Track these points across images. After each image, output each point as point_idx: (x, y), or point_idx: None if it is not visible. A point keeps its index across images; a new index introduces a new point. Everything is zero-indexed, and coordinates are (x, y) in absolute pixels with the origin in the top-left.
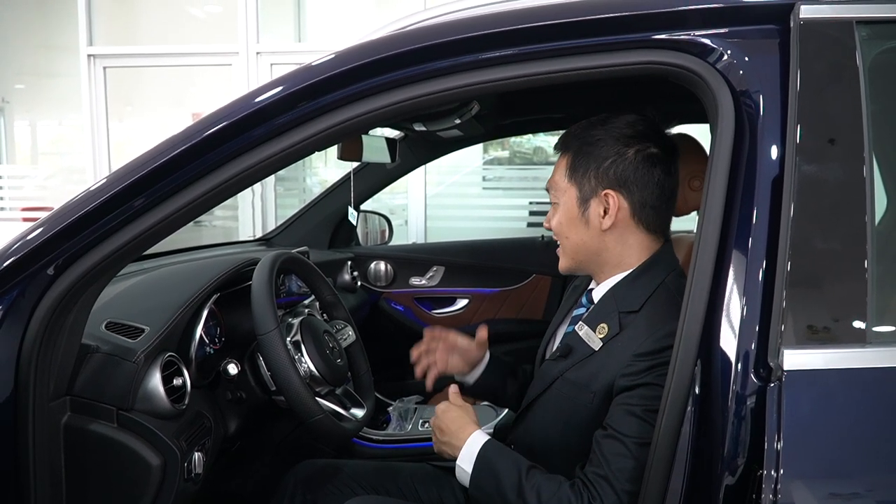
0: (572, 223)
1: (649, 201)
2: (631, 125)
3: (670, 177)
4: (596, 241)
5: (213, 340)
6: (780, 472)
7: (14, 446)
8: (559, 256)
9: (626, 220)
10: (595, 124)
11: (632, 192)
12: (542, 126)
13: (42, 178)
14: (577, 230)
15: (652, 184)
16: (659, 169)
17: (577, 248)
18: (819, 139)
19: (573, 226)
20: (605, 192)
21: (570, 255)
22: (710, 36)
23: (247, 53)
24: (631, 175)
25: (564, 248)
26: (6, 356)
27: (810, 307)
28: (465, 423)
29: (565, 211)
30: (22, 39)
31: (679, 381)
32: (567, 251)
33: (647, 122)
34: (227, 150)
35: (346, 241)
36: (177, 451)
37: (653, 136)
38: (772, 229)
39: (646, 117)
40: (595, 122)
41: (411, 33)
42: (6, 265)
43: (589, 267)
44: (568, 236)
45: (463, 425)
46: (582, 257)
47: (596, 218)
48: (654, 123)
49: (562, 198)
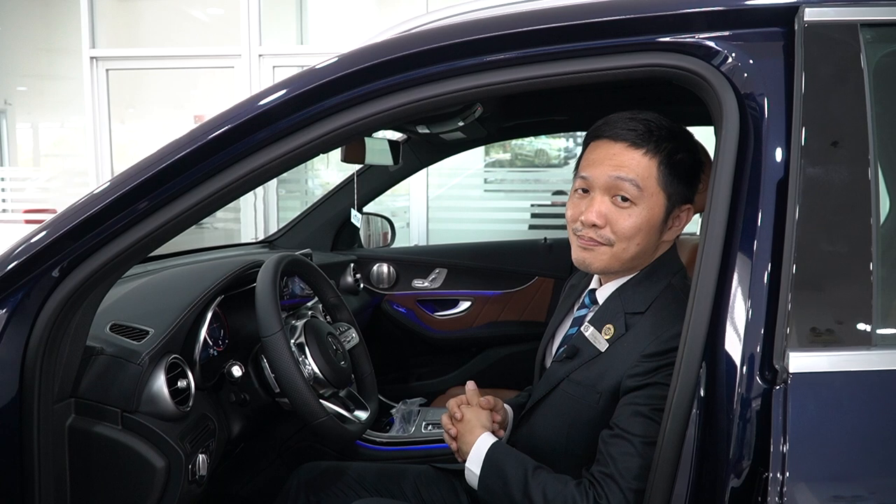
0: (651, 232)
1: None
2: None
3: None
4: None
5: (217, 342)
6: (785, 475)
7: (19, 448)
8: (597, 257)
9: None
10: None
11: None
12: (546, 128)
13: (44, 180)
14: (650, 239)
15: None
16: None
17: (635, 255)
18: (824, 142)
19: (648, 234)
20: (687, 206)
21: (620, 259)
22: (715, 38)
23: (249, 56)
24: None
25: (618, 252)
26: (11, 358)
27: (816, 309)
28: (473, 427)
29: (649, 217)
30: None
31: (684, 383)
32: (619, 256)
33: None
34: (231, 153)
35: (348, 244)
36: (181, 453)
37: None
38: (777, 232)
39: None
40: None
41: (414, 36)
42: (11, 267)
43: (620, 269)
44: (638, 242)
45: (471, 429)
46: (631, 263)
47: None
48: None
49: (646, 201)
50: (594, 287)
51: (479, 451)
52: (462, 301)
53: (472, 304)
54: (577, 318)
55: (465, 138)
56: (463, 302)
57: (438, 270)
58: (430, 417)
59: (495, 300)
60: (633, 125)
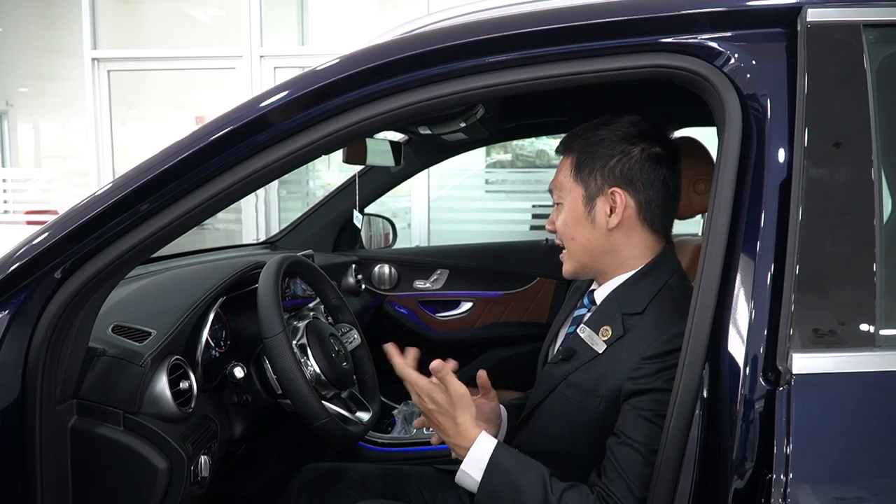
0: (578, 223)
1: (655, 200)
2: (634, 124)
3: (675, 177)
4: (602, 240)
5: (220, 344)
6: (789, 476)
7: (21, 449)
8: (563, 261)
9: (631, 219)
10: (598, 125)
11: (638, 191)
12: (547, 129)
13: (45, 181)
14: (583, 230)
15: (658, 182)
16: (664, 168)
17: (583, 250)
18: (827, 142)
19: (579, 225)
20: (611, 189)
21: (575, 257)
22: (718, 39)
23: (250, 57)
24: (637, 173)
25: (570, 251)
26: (14, 359)
27: (819, 310)
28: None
29: (571, 210)
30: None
31: (687, 384)
32: (572, 253)
33: (649, 123)
34: (233, 154)
35: (350, 245)
36: (183, 455)
37: (656, 136)
38: (780, 233)
39: (646, 118)
40: (598, 124)
41: (416, 38)
42: (14, 269)
43: (593, 270)
44: (574, 237)
45: (459, 420)
46: (587, 259)
47: (602, 217)
48: (655, 124)
49: (567, 198)
50: (593, 288)
51: (479, 456)
52: (463, 302)
53: (473, 305)
54: (575, 318)
55: (466, 139)
56: (464, 303)
57: (440, 271)
58: None
59: (497, 301)
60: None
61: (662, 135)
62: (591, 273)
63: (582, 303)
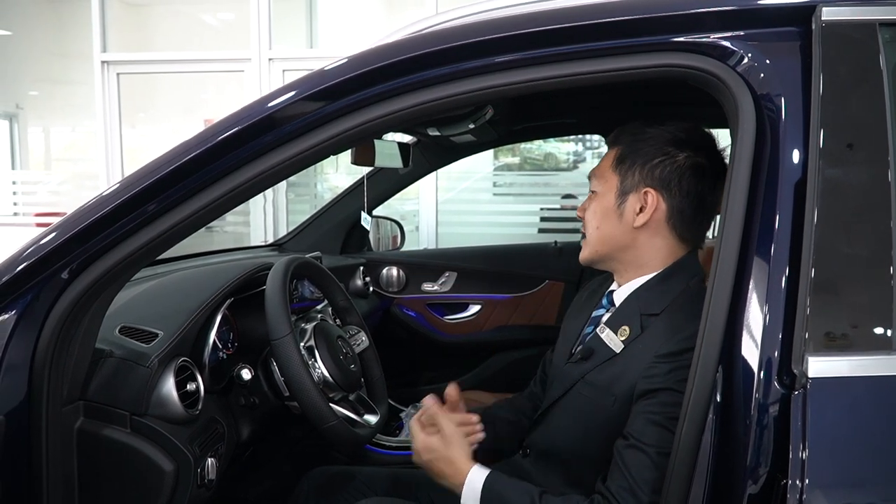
0: (606, 214)
1: (687, 210)
2: (686, 131)
3: (713, 192)
4: (625, 236)
5: (227, 345)
6: (805, 482)
7: (27, 450)
8: (582, 247)
9: (659, 222)
10: (651, 122)
11: (672, 196)
12: (556, 131)
13: (55, 184)
14: (609, 221)
15: (694, 193)
16: (706, 182)
17: (603, 240)
18: (842, 143)
19: (606, 216)
20: (646, 189)
21: (594, 244)
22: (731, 38)
23: (259, 60)
24: (676, 179)
25: (590, 238)
26: (20, 360)
27: (835, 313)
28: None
29: (602, 200)
30: (36, 47)
31: (700, 388)
32: (592, 241)
33: (702, 133)
34: (239, 155)
35: (358, 247)
36: (190, 457)
37: (706, 148)
38: (794, 234)
39: (703, 129)
40: (651, 121)
41: (422, 38)
42: (21, 269)
43: (609, 262)
44: (599, 226)
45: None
46: (605, 250)
47: (631, 213)
48: (709, 136)
49: (602, 187)
50: (613, 288)
51: (473, 487)
52: (472, 305)
53: (481, 307)
54: (594, 317)
55: (475, 141)
56: (473, 305)
57: (448, 274)
58: None
59: (505, 304)
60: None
61: (713, 148)
62: (606, 265)
63: (601, 303)
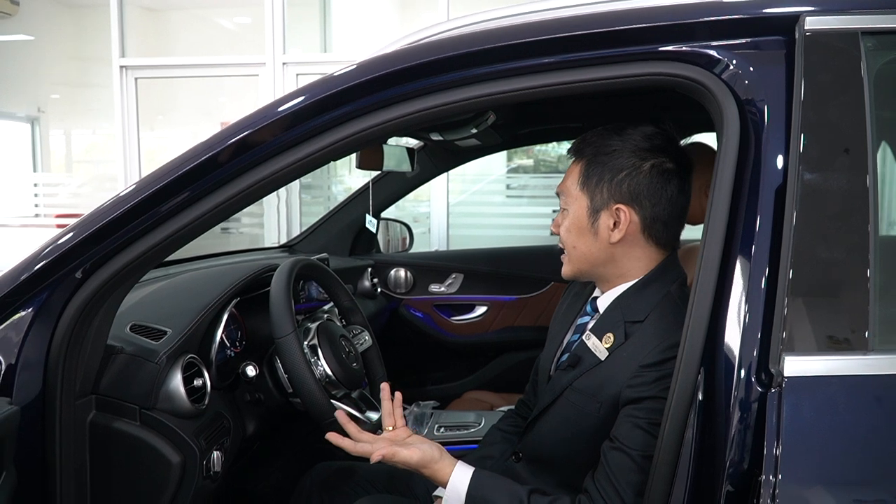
0: (581, 233)
1: (661, 217)
2: (648, 138)
3: (683, 194)
4: (603, 252)
5: (234, 343)
6: (778, 478)
7: (42, 442)
8: (563, 262)
9: (634, 235)
10: (612, 133)
11: (643, 208)
12: (560, 135)
13: (76, 186)
14: (585, 240)
15: (665, 199)
16: (673, 185)
17: (583, 258)
18: (823, 149)
19: (581, 235)
20: (616, 206)
21: (574, 263)
22: (716, 47)
23: (273, 64)
24: (644, 190)
25: (570, 256)
26: (35, 355)
27: (813, 314)
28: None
29: (575, 219)
30: (57, 52)
31: (682, 387)
32: (572, 259)
33: (664, 136)
34: (250, 158)
35: (366, 249)
36: (196, 450)
37: (670, 150)
38: (775, 237)
39: (663, 130)
40: (611, 131)
41: (426, 46)
42: (38, 268)
43: (592, 276)
44: (575, 245)
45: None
46: (586, 267)
47: (605, 230)
48: (671, 136)
49: (572, 205)
50: (596, 295)
51: (457, 488)
52: (478, 306)
53: (488, 308)
54: (579, 325)
55: (479, 145)
56: (479, 307)
57: (455, 275)
58: (442, 420)
59: (511, 305)
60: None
61: (676, 148)
62: (590, 278)
63: (585, 310)
